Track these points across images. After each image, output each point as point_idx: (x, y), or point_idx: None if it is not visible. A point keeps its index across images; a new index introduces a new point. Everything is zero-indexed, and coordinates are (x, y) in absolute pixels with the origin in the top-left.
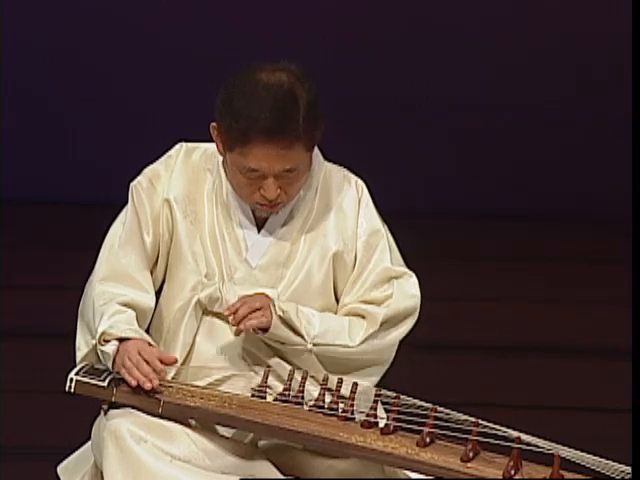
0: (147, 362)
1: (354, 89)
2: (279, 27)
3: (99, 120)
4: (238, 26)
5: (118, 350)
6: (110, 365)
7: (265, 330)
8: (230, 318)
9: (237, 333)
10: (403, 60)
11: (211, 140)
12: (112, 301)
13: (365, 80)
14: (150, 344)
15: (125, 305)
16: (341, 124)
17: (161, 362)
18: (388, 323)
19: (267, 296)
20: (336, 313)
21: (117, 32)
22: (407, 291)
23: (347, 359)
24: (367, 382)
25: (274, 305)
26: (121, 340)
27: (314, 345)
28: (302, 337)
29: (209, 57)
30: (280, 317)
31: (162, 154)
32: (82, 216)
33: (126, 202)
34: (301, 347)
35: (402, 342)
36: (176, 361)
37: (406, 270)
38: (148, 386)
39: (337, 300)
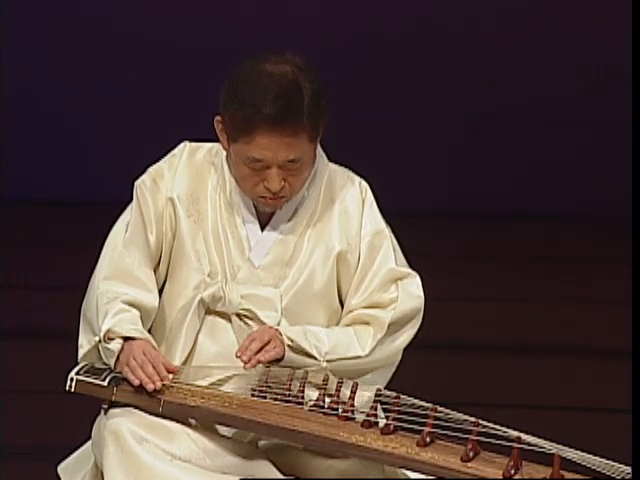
0: (152, 365)
1: (354, 89)
2: (279, 27)
3: (99, 120)
4: (238, 26)
5: (122, 348)
6: (112, 363)
7: (279, 360)
8: (242, 357)
9: (250, 367)
10: (403, 60)
11: (213, 140)
12: (116, 300)
13: (365, 80)
14: (154, 347)
15: (129, 304)
16: (341, 124)
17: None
18: (395, 326)
19: (271, 327)
20: (340, 315)
21: (117, 32)
22: (412, 292)
23: (359, 369)
24: (376, 386)
25: (281, 335)
26: (126, 339)
27: (327, 362)
28: (314, 358)
29: (210, 56)
30: (289, 346)
31: (162, 154)
32: (82, 216)
33: (129, 201)
34: (315, 367)
35: None
36: (177, 371)
37: (410, 271)
38: (151, 387)
39: (340, 301)
